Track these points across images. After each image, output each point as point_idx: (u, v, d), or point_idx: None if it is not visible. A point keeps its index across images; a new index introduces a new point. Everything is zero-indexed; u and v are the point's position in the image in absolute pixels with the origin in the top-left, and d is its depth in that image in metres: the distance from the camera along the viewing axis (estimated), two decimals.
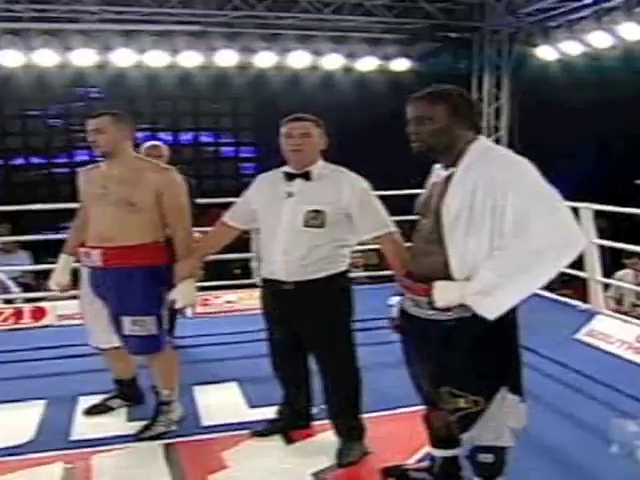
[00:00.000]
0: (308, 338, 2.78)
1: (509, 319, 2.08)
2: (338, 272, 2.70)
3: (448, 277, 2.05)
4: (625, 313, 5.22)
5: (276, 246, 2.64)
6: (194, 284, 2.87)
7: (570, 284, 6.04)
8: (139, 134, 3.30)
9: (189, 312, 5.00)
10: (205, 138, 13.94)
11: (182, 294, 2.82)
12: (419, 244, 2.20)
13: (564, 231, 1.94)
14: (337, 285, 2.72)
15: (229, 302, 5.36)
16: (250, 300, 5.42)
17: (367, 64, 8.22)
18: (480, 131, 2.15)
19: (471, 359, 2.08)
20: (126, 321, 2.88)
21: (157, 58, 7.44)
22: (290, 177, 2.68)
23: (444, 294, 2.03)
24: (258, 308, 2.93)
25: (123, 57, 7.31)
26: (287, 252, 2.62)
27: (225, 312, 5.10)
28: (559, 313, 4.98)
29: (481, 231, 2.00)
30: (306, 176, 2.66)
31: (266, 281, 2.77)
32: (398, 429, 3.04)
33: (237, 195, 2.93)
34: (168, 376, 3.09)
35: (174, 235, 2.91)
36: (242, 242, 5.52)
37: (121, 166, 2.89)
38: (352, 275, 2.84)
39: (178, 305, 2.84)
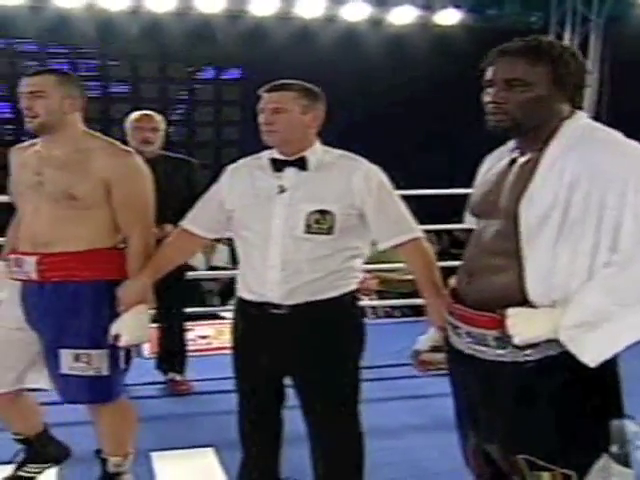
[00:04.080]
0: (303, 383, 2.78)
1: (610, 360, 2.00)
2: (347, 292, 2.72)
3: (523, 302, 2.01)
4: None
5: (268, 259, 2.65)
6: (146, 313, 2.87)
7: None
8: None
9: (146, 350, 5.00)
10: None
11: (128, 327, 2.81)
12: (479, 257, 2.15)
13: None
14: (347, 309, 2.75)
15: (203, 337, 5.36)
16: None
17: (402, 15, 8.29)
18: (580, 105, 2.11)
19: (560, 416, 2.02)
20: (66, 355, 2.84)
21: None
22: (279, 165, 2.70)
23: (527, 326, 1.98)
24: None
25: None
26: (285, 267, 2.63)
27: (197, 351, 5.06)
28: None
29: (580, 240, 1.94)
30: (301, 164, 2.68)
31: (247, 304, 2.76)
32: None
33: None
34: (120, 438, 3.05)
35: (128, 243, 2.93)
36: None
37: (64, 146, 2.87)
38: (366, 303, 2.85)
39: (123, 342, 2.81)
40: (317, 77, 2.79)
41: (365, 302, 2.96)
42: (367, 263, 2.99)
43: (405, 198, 2.79)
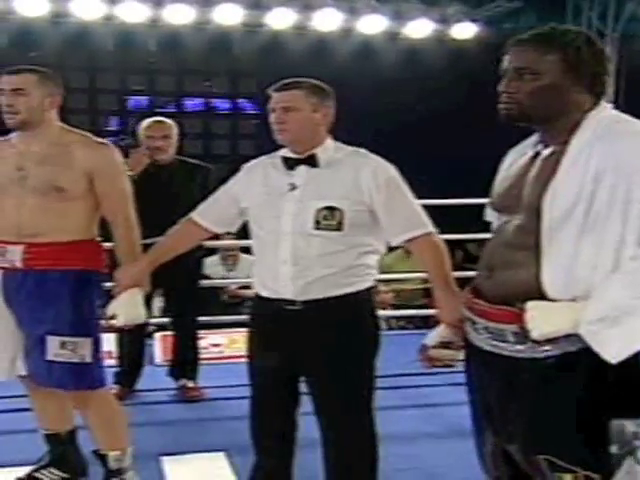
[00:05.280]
0: (316, 381, 2.75)
1: (634, 357, 1.92)
2: (363, 289, 2.71)
3: (542, 298, 1.95)
4: None
5: (279, 255, 2.66)
6: (139, 295, 2.93)
7: None
8: None
9: (158, 357, 5.05)
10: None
11: (124, 307, 2.87)
12: (500, 251, 2.10)
13: None
14: (362, 306, 2.73)
15: (215, 345, 5.33)
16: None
17: (419, 29, 8.28)
18: (602, 96, 2.05)
19: (582, 415, 1.96)
20: (52, 342, 2.89)
21: None
22: (290, 164, 2.72)
23: (546, 319, 1.92)
24: None
25: None
26: (296, 262, 2.64)
27: (209, 359, 5.03)
28: None
29: (605, 233, 1.89)
30: (312, 161, 2.69)
31: (262, 301, 2.76)
32: None
33: None
34: (112, 429, 3.08)
35: (113, 231, 3.03)
36: None
37: (43, 141, 2.95)
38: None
39: (120, 322, 2.89)
40: (333, 89, 2.79)
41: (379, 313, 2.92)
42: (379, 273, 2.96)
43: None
